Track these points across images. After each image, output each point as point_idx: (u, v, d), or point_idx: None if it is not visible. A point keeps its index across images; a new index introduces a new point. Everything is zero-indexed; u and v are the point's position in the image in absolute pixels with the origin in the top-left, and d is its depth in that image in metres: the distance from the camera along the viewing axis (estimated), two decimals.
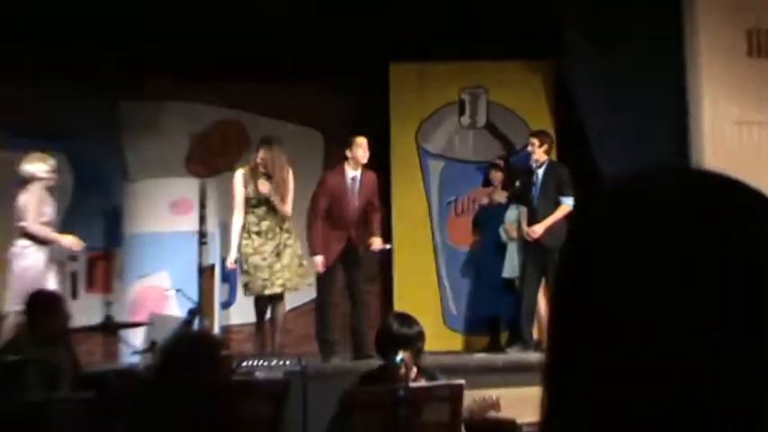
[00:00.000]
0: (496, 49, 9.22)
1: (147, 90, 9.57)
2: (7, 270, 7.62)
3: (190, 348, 4.40)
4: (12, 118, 8.58)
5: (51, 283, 7.44)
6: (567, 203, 8.06)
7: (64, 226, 9.04)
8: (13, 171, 7.61)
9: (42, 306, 6.16)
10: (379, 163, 9.09)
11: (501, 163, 9.18)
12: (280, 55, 9.01)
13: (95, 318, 7.84)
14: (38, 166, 7.50)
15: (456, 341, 9.29)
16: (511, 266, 8.58)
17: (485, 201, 9.26)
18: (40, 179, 7.49)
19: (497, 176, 9.10)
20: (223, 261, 9.13)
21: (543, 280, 8.23)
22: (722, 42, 8.33)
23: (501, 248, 8.77)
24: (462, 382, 5.28)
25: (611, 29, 8.16)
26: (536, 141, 8.35)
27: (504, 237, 8.68)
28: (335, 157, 9.60)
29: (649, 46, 8.28)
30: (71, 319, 6.33)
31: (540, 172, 8.27)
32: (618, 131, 8.29)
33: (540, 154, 8.30)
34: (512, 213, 8.67)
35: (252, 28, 8.72)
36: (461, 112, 9.79)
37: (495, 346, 8.78)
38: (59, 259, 7.69)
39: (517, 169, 8.95)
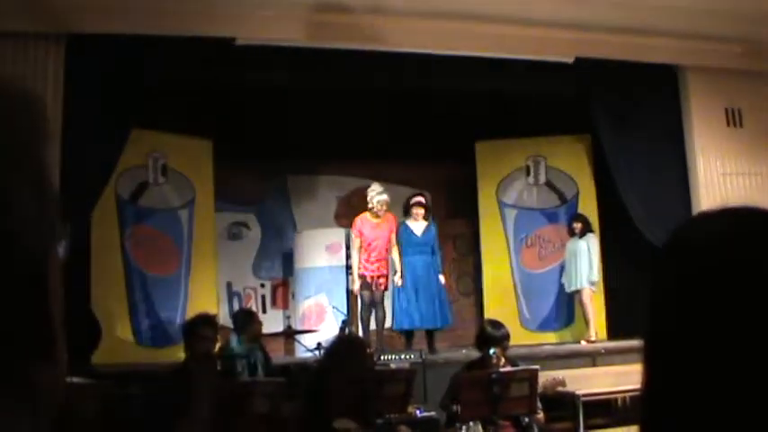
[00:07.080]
0: (551, 128, 9.14)
1: (307, 168, 9.66)
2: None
3: (346, 348, 4.50)
4: (222, 191, 8.74)
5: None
6: None
7: (253, 264, 9.34)
8: (225, 226, 7.78)
9: (244, 319, 6.37)
10: (471, 212, 9.10)
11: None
12: (398, 140, 8.95)
13: (278, 326, 8.03)
14: None
15: (529, 337, 9.11)
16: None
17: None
18: None
19: None
20: None
21: None
22: (708, 117, 8.26)
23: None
24: (537, 367, 5.26)
25: (627, 111, 8.09)
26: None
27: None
28: (438, 210, 9.69)
29: (656, 121, 8.19)
30: (263, 327, 6.44)
31: None
32: (638, 181, 8.14)
33: None
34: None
35: (376, 125, 8.75)
36: (528, 174, 9.62)
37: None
38: (254, 286, 7.79)
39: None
